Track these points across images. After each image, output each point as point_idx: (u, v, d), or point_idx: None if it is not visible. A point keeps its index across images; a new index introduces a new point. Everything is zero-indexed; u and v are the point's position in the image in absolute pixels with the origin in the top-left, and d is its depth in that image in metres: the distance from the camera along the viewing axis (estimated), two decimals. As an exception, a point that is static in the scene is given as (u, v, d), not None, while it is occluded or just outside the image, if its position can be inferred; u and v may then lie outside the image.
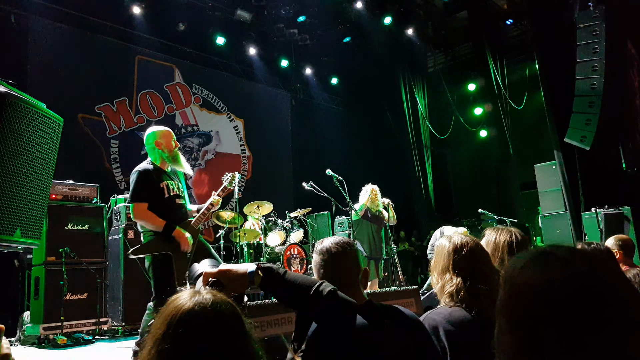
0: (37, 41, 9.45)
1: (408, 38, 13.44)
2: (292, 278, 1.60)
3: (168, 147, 4.52)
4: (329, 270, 1.99)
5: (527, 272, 0.93)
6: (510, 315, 0.95)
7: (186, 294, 1.20)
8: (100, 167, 10.15)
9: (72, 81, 9.86)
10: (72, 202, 6.49)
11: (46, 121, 2.58)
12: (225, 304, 1.19)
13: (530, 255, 0.97)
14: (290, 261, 8.80)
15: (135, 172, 4.31)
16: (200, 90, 12.40)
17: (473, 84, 14.82)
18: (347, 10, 12.30)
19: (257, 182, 13.05)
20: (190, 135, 12.01)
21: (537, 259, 0.94)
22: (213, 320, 1.15)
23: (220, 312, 1.17)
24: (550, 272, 0.90)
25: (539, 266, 0.92)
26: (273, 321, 3.70)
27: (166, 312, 1.17)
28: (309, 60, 14.24)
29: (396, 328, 1.86)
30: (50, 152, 2.64)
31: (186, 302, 1.17)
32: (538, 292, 0.90)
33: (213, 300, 1.19)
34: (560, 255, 0.93)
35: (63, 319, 5.92)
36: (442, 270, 2.22)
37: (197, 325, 1.13)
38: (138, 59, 11.24)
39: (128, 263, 6.53)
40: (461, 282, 2.13)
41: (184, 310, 1.15)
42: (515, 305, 0.94)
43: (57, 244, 6.13)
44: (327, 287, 1.54)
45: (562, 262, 0.91)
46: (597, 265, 0.90)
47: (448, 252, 2.23)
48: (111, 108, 10.58)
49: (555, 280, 0.89)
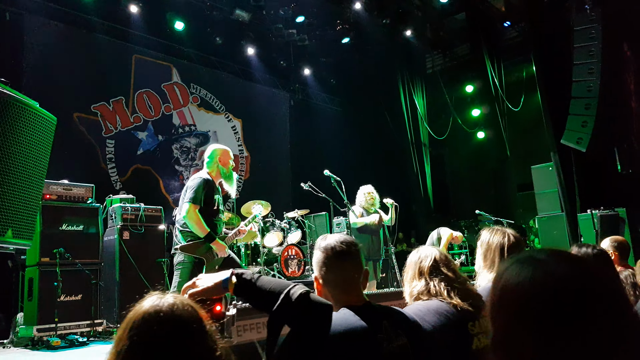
0: (32, 39, 9.40)
1: (406, 39, 13.43)
2: (263, 283, 1.57)
3: (226, 164, 4.99)
4: (331, 269, 1.97)
5: (505, 275, 0.98)
6: (495, 317, 0.99)
7: (150, 298, 1.24)
8: (95, 167, 10.09)
9: (68, 80, 9.81)
10: (67, 202, 6.44)
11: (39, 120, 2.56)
12: (183, 307, 1.21)
13: (513, 259, 1.01)
14: (288, 262, 8.78)
15: (200, 179, 4.73)
16: (198, 89, 12.37)
17: (471, 86, 14.84)
18: (345, 11, 12.28)
19: (254, 183, 13.03)
20: (187, 135, 11.98)
21: (518, 263, 0.98)
22: (166, 323, 1.17)
23: (174, 315, 1.19)
24: (522, 274, 0.94)
25: (518, 269, 0.96)
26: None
27: (128, 315, 1.20)
28: (307, 61, 14.22)
29: (394, 329, 1.86)
30: (43, 152, 2.62)
31: (144, 306, 1.21)
32: (512, 293, 0.94)
33: (171, 303, 1.21)
34: (538, 258, 0.96)
35: (57, 321, 5.88)
36: (410, 278, 2.45)
37: (149, 327, 1.16)
38: (135, 58, 11.20)
39: (123, 264, 6.51)
40: (424, 284, 2.35)
41: (140, 313, 1.19)
42: (499, 308, 0.98)
43: (52, 245, 6.07)
44: (299, 290, 1.51)
45: (540, 264, 0.94)
46: (575, 266, 0.93)
47: (415, 261, 2.46)
48: (107, 107, 10.54)
49: (534, 282, 0.92)
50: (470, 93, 14.96)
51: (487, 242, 2.78)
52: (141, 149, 11.05)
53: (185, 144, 11.90)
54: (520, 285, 0.93)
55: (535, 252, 0.99)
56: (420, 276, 2.38)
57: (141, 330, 1.15)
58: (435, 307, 2.22)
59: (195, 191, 4.64)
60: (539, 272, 0.92)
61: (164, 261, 6.83)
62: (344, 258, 1.96)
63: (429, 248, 2.50)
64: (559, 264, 0.93)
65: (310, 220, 10.44)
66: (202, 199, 4.67)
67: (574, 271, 0.92)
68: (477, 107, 14.81)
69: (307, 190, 7.50)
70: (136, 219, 6.80)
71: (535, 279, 0.92)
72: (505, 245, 2.71)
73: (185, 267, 4.63)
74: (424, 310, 2.19)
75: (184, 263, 4.65)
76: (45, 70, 9.49)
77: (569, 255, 0.97)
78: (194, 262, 4.63)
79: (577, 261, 0.95)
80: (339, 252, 1.96)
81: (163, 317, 1.18)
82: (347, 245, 1.98)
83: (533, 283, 0.92)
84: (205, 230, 4.62)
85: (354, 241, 2.03)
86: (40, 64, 9.46)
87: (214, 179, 4.89)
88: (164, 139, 11.48)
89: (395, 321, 1.91)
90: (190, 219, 4.60)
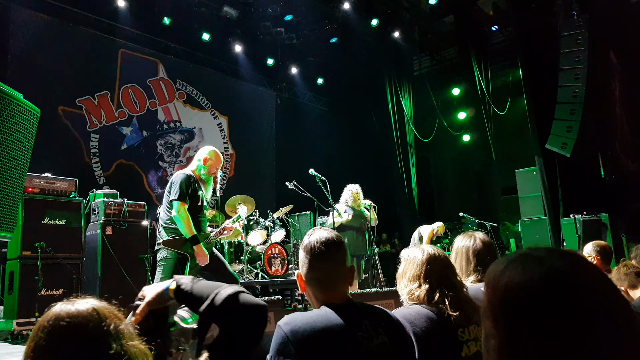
0: (18, 31, 9.31)
1: (394, 41, 13.47)
2: (195, 288, 1.55)
3: (210, 169, 4.95)
4: (313, 267, 1.97)
5: (508, 273, 0.96)
6: (494, 317, 0.97)
7: (66, 301, 1.29)
8: (79, 161, 9.99)
9: (54, 73, 9.72)
10: (50, 195, 6.37)
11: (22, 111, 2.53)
12: (86, 310, 1.25)
13: (510, 258, 0.99)
14: (271, 261, 8.77)
15: (183, 174, 4.73)
16: (185, 86, 12.31)
17: (457, 89, 14.92)
18: (334, 11, 12.29)
19: (239, 181, 12.97)
20: (172, 132, 11.90)
21: (517, 261, 0.97)
22: (68, 324, 1.21)
23: (76, 317, 1.23)
24: (529, 271, 0.93)
25: (518, 267, 0.95)
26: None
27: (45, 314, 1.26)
28: (294, 60, 14.21)
29: (375, 328, 1.86)
30: (26, 144, 2.59)
31: (56, 305, 1.27)
32: (519, 292, 0.92)
33: (77, 304, 1.27)
34: (537, 255, 0.95)
35: (37, 315, 5.80)
36: (412, 277, 2.34)
37: (54, 326, 1.21)
38: (122, 52, 11.11)
39: (105, 259, 6.44)
40: (427, 289, 2.26)
41: (50, 313, 1.25)
42: (499, 307, 0.96)
43: (33, 238, 6.00)
44: (226, 292, 1.49)
45: (540, 261, 0.93)
46: (574, 262, 0.93)
47: (422, 261, 2.34)
48: (92, 101, 10.44)
49: (534, 278, 0.91)
50: (457, 96, 15.04)
51: (456, 248, 2.80)
52: (125, 144, 10.97)
53: (170, 140, 11.82)
54: (529, 282, 0.91)
55: (532, 250, 0.98)
56: (426, 280, 2.30)
57: (48, 329, 1.21)
58: (426, 313, 2.20)
59: (180, 187, 4.63)
60: (545, 269, 0.92)
61: (147, 257, 6.78)
62: (325, 256, 1.95)
63: (435, 249, 2.41)
64: (563, 259, 0.93)
65: (294, 219, 10.43)
66: (188, 195, 4.66)
67: (576, 267, 0.92)
68: (463, 110, 14.90)
69: (291, 189, 7.50)
70: (119, 214, 6.73)
71: (544, 275, 0.91)
72: (471, 249, 2.73)
73: (168, 263, 4.60)
74: (414, 315, 2.19)
75: (166, 259, 4.62)
76: (31, 63, 9.39)
77: (567, 251, 0.97)
78: (177, 258, 4.60)
79: (578, 257, 0.96)
80: (320, 250, 1.95)
81: (68, 316, 1.23)
82: (330, 243, 1.97)
83: (542, 279, 0.91)
84: (191, 232, 4.60)
85: (338, 239, 2.01)
86: (26, 56, 9.37)
87: (196, 177, 4.89)
88: (148, 135, 11.40)
89: (376, 320, 1.91)
90: (181, 218, 4.58)
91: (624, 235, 8.38)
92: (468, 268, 2.72)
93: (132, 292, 6.09)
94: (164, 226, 4.73)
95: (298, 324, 1.79)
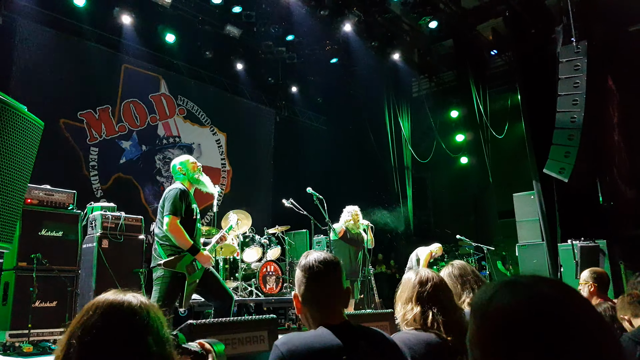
0: (23, 44, 9.39)
1: (394, 62, 13.58)
2: None
3: (193, 169, 4.95)
4: (309, 288, 1.98)
5: (496, 301, 0.95)
6: (484, 345, 0.96)
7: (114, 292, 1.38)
8: (78, 173, 10.01)
9: (57, 86, 9.80)
10: (48, 207, 6.35)
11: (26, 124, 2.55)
12: (138, 304, 1.33)
13: (498, 285, 0.99)
14: (266, 278, 8.74)
15: (177, 189, 4.70)
16: (185, 102, 12.37)
17: (456, 111, 14.98)
18: (335, 32, 12.41)
19: (235, 197, 12.96)
20: (171, 147, 11.93)
21: (505, 288, 0.97)
22: (122, 313, 1.29)
23: (130, 308, 1.31)
24: (518, 298, 0.93)
25: (507, 294, 0.95)
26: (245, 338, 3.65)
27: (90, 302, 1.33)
28: (295, 79, 14.31)
29: (371, 349, 1.86)
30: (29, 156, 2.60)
31: (109, 295, 1.36)
32: (508, 318, 0.92)
33: (130, 297, 1.35)
34: (525, 282, 0.96)
35: (30, 327, 5.74)
36: (405, 300, 2.38)
37: (108, 314, 1.28)
38: (124, 67, 11.19)
39: (101, 272, 6.41)
40: (420, 311, 2.29)
41: (102, 300, 1.33)
42: (488, 335, 0.95)
43: (30, 250, 5.96)
44: None
45: (528, 288, 0.94)
46: (561, 289, 0.94)
47: (414, 284, 2.38)
48: (93, 115, 10.48)
49: (523, 304, 0.92)
50: (455, 118, 15.10)
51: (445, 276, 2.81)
52: (124, 158, 10.99)
53: (168, 155, 11.83)
54: (520, 308, 0.91)
55: (518, 277, 0.98)
56: (418, 301, 2.33)
57: (102, 315, 1.28)
58: (426, 338, 2.21)
59: (173, 202, 4.59)
60: (533, 296, 0.92)
61: (142, 271, 6.75)
62: (321, 277, 1.96)
63: (429, 271, 2.44)
64: (551, 286, 0.94)
65: (290, 237, 10.42)
66: (183, 209, 4.63)
67: (563, 294, 0.93)
68: (461, 132, 14.94)
69: (288, 207, 7.50)
70: (116, 227, 6.72)
71: (530, 301, 0.91)
72: (452, 273, 2.77)
73: (164, 281, 4.57)
74: (414, 340, 2.19)
75: (163, 277, 4.58)
76: (34, 75, 9.46)
77: (553, 279, 0.98)
78: (172, 277, 4.57)
79: (562, 285, 0.96)
80: (317, 271, 1.97)
81: (123, 306, 1.31)
82: (326, 264, 1.98)
83: (527, 306, 0.91)
84: (188, 243, 4.58)
85: (334, 260, 2.02)
86: (30, 69, 9.44)
87: (188, 189, 4.85)
88: (147, 149, 11.43)
89: (373, 341, 1.92)
90: (172, 232, 4.54)
91: (622, 262, 8.36)
92: (456, 289, 2.75)
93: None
94: (160, 243, 4.69)
95: (295, 343, 1.80)
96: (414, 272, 2.45)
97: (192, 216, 4.78)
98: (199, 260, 4.64)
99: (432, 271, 2.46)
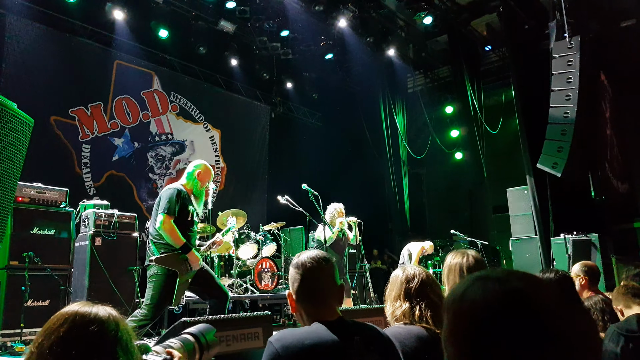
0: (13, 40, 9.29)
1: (389, 58, 13.58)
2: None
3: (203, 182, 4.98)
4: (303, 285, 1.99)
5: (468, 296, 0.96)
6: (457, 342, 0.97)
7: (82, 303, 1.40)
8: (70, 171, 9.94)
9: (47, 82, 9.71)
10: (40, 205, 6.32)
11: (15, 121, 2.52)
12: (107, 315, 1.36)
13: (469, 281, 0.99)
14: (262, 275, 8.73)
15: (174, 189, 4.74)
16: (178, 98, 12.30)
17: (450, 107, 15.01)
18: (330, 28, 12.38)
19: (230, 194, 12.94)
20: (163, 144, 11.87)
21: (476, 283, 0.97)
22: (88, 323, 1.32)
23: (98, 319, 1.33)
24: (489, 292, 0.93)
25: (479, 289, 0.95)
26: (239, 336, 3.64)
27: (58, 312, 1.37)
28: (290, 75, 14.27)
29: (366, 345, 1.86)
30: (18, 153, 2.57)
31: (76, 306, 1.38)
32: (480, 314, 0.92)
33: (99, 309, 1.37)
34: (496, 277, 0.96)
35: (23, 326, 5.72)
36: (394, 297, 2.42)
37: (77, 325, 1.32)
38: (117, 63, 11.11)
39: (94, 271, 6.38)
40: (408, 307, 2.33)
41: (70, 311, 1.36)
42: (461, 331, 0.95)
43: (21, 248, 5.93)
44: None
45: (499, 283, 0.94)
46: (531, 282, 0.94)
47: (401, 281, 2.42)
48: (85, 112, 10.41)
49: (495, 299, 0.92)
50: (450, 114, 15.13)
51: (449, 265, 2.84)
52: (116, 155, 10.93)
53: (161, 153, 11.78)
54: (490, 303, 0.92)
55: (490, 272, 0.99)
56: (406, 298, 2.37)
57: (67, 326, 1.31)
58: (417, 332, 2.23)
59: (169, 201, 4.63)
60: (504, 289, 0.92)
61: (136, 269, 6.73)
62: (314, 274, 1.98)
63: (415, 268, 2.48)
64: (519, 280, 0.94)
65: (286, 233, 10.42)
66: (177, 209, 4.65)
67: (533, 287, 0.93)
68: (456, 128, 14.98)
69: (283, 203, 7.49)
70: (109, 225, 6.69)
71: (502, 295, 0.92)
72: (464, 266, 2.76)
73: (158, 279, 4.61)
74: (405, 334, 2.21)
75: (157, 275, 4.62)
76: (25, 72, 9.38)
77: (523, 273, 0.98)
78: (166, 275, 4.60)
79: (532, 278, 0.97)
80: (310, 268, 1.99)
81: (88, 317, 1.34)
82: (318, 261, 2.00)
83: (498, 300, 0.91)
84: (180, 241, 4.61)
85: (326, 257, 2.04)
86: (20, 65, 9.35)
87: (188, 191, 4.88)
88: (139, 147, 11.37)
89: (367, 337, 1.92)
90: (165, 230, 4.58)
91: (613, 255, 8.42)
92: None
93: (120, 303, 6.04)
94: (154, 242, 4.72)
95: (289, 339, 1.79)
96: (400, 269, 2.50)
97: (187, 217, 4.80)
98: (189, 259, 4.67)
99: (419, 267, 2.50)
